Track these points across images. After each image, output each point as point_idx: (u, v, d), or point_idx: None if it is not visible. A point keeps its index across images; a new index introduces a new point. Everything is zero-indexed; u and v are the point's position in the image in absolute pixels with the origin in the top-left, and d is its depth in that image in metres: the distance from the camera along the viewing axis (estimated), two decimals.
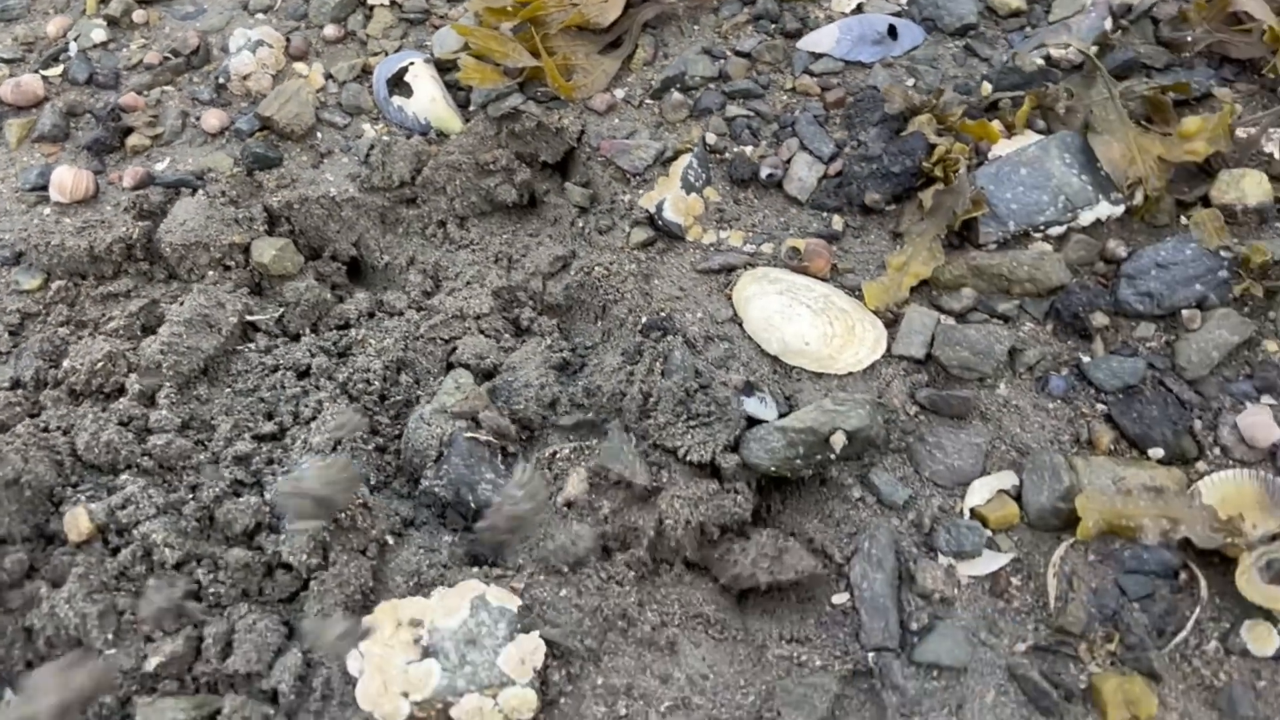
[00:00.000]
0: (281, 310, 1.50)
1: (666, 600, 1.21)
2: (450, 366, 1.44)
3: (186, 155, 1.65)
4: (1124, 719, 1.08)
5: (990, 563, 1.20)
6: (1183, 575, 1.18)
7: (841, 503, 1.27)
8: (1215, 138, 1.41)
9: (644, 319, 1.42)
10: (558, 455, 1.31)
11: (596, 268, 1.48)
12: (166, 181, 1.60)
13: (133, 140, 1.64)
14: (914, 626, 1.17)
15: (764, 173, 1.54)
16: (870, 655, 1.16)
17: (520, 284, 1.53)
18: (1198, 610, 1.14)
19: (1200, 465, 1.25)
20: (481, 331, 1.48)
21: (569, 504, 1.27)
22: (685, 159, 1.54)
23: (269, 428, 1.35)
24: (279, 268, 1.52)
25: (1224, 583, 1.16)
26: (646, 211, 1.51)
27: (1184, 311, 1.34)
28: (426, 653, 1.11)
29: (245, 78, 1.71)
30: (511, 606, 1.15)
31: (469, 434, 1.29)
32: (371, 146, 1.62)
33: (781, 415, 1.30)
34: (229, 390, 1.40)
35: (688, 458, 1.27)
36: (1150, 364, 1.32)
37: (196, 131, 1.68)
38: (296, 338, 1.48)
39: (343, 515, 1.19)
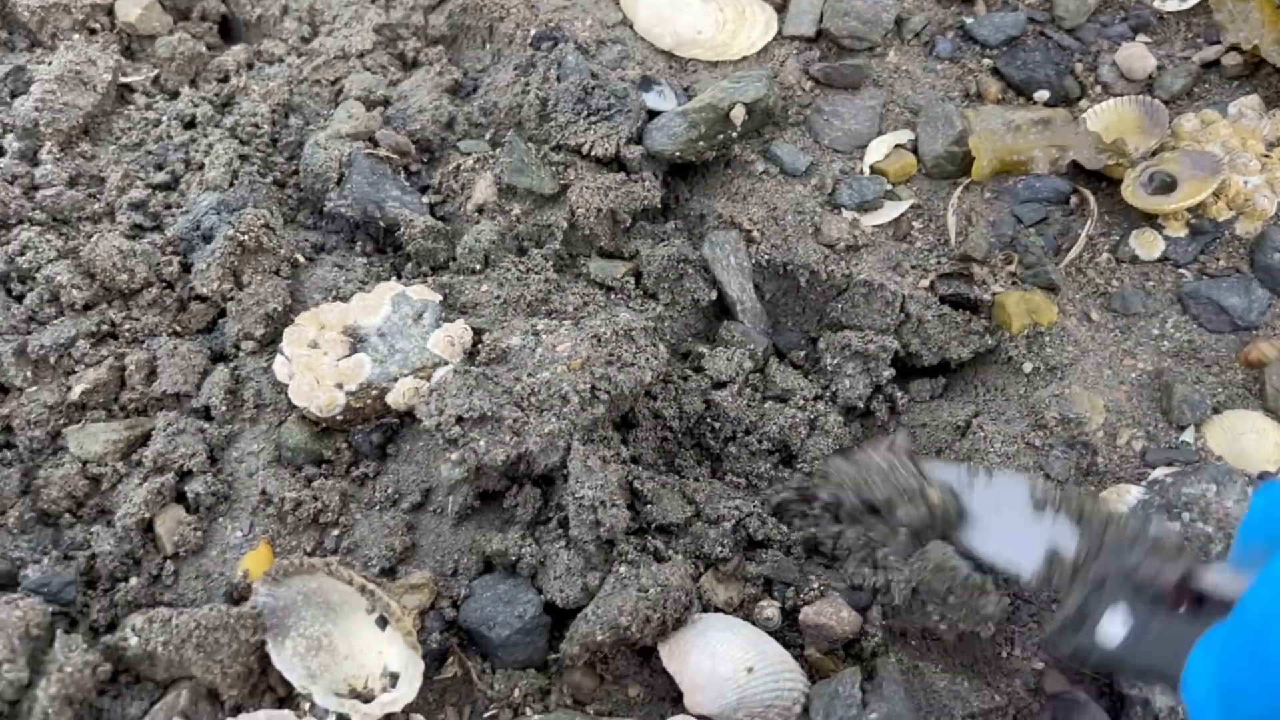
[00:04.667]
0: (157, 71, 1.44)
1: (587, 283, 1.23)
2: (340, 104, 1.41)
3: None
4: (1026, 325, 1.14)
5: (891, 211, 1.24)
6: (1073, 200, 1.23)
7: (747, 178, 1.29)
8: None
9: (533, 31, 1.40)
10: (462, 168, 1.30)
11: None
12: None
13: None
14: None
15: None
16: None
17: (401, 20, 1.49)
18: (1088, 225, 1.20)
19: (1083, 104, 1.30)
20: (367, 69, 1.45)
21: (480, 209, 1.27)
22: None
23: (161, 177, 1.31)
24: (146, 26, 1.46)
25: (1111, 202, 1.22)
26: None
27: None
28: (354, 349, 1.12)
29: None
30: (434, 299, 1.15)
31: (368, 152, 1.27)
32: None
33: (681, 106, 1.31)
34: (114, 147, 1.35)
35: (593, 152, 1.27)
36: (1031, 18, 1.35)
37: None
38: (175, 94, 1.43)
39: (247, 238, 1.17)
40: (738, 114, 1.25)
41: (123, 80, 1.41)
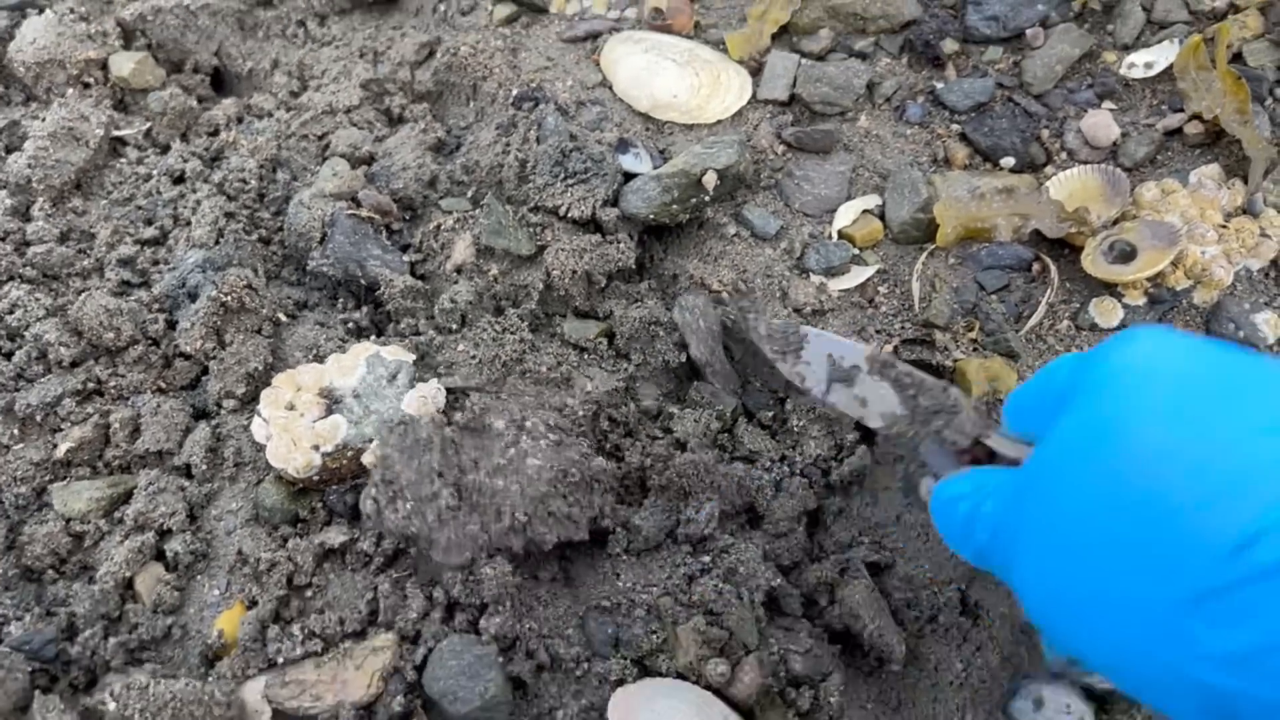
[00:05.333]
0: (149, 124, 1.48)
1: (560, 344, 1.26)
2: (326, 161, 1.44)
3: None
4: (986, 392, 1.17)
5: (858, 276, 1.27)
6: (1035, 267, 1.26)
7: (719, 240, 1.32)
8: None
9: (515, 91, 1.43)
10: (442, 227, 1.34)
11: (463, 48, 1.48)
12: (9, 5, 1.54)
13: None
14: None
15: None
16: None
17: (388, 76, 1.53)
18: (1049, 293, 1.23)
19: (1049, 170, 1.33)
20: (353, 124, 1.48)
21: (458, 269, 1.30)
22: None
23: (150, 233, 1.35)
24: (140, 81, 1.50)
25: (1073, 269, 1.25)
26: None
27: (1028, 31, 1.39)
28: (330, 410, 1.15)
29: None
30: (407, 359, 1.19)
31: (350, 212, 1.31)
32: None
33: (656, 168, 1.34)
34: (105, 202, 1.39)
35: (569, 214, 1.30)
36: (999, 83, 1.38)
37: None
38: (166, 148, 1.47)
39: (229, 299, 1.20)
40: (709, 180, 1.28)
41: (115, 134, 1.45)
